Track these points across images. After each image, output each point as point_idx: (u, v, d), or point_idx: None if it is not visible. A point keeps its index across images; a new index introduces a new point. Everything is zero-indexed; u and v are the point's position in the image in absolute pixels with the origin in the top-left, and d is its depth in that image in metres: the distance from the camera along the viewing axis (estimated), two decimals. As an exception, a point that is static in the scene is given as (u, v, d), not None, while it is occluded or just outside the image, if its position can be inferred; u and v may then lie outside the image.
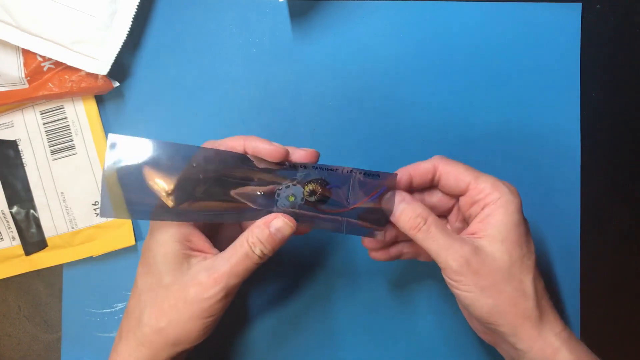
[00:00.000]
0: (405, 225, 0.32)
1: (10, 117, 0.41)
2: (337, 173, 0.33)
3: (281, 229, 0.32)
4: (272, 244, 0.32)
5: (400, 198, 0.33)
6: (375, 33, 0.42)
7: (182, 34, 0.42)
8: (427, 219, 0.32)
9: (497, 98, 0.42)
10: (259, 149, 0.32)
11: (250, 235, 0.32)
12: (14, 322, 0.42)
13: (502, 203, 0.31)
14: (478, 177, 0.32)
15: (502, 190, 0.32)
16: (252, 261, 0.31)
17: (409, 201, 0.33)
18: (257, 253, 0.31)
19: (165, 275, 0.31)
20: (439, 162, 0.34)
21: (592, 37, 0.43)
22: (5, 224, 0.41)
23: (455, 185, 0.33)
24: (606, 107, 0.43)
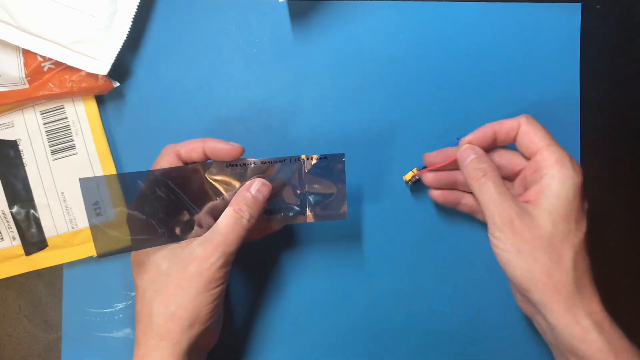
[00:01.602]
0: (468, 174, 0.34)
1: (10, 117, 0.41)
2: (286, 163, 0.35)
3: (260, 189, 0.34)
4: (256, 206, 0.34)
5: (472, 151, 0.35)
6: (375, 33, 0.42)
7: (182, 34, 0.42)
8: (487, 173, 0.33)
9: (497, 98, 0.42)
10: (217, 149, 0.34)
11: (235, 203, 0.33)
12: (14, 322, 0.42)
13: (561, 177, 0.32)
14: (550, 145, 0.33)
15: (565, 164, 0.32)
16: (242, 227, 0.33)
17: (479, 154, 0.35)
18: (245, 217, 0.33)
19: (162, 262, 0.32)
20: (523, 121, 0.34)
21: (592, 37, 0.43)
22: (6, 224, 0.41)
23: (527, 146, 0.34)
24: (606, 107, 0.43)
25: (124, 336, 0.42)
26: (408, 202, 0.42)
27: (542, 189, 0.32)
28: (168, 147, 0.35)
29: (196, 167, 0.35)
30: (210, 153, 0.35)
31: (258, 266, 0.42)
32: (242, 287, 0.42)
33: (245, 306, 0.42)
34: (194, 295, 0.32)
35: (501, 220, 0.32)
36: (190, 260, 0.32)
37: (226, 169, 0.35)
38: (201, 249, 0.32)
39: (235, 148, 0.34)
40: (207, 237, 0.33)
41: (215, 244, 0.32)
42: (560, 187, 0.32)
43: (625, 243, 0.43)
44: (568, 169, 0.32)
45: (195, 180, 0.35)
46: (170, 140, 0.42)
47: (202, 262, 0.32)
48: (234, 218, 0.33)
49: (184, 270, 0.32)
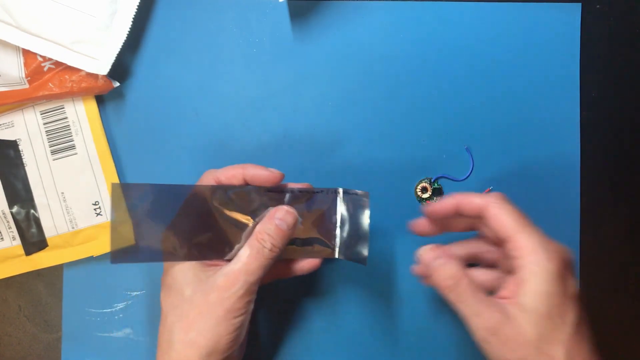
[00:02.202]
0: (438, 283, 0.32)
1: (10, 117, 0.41)
2: (323, 194, 0.35)
3: (284, 217, 0.33)
4: (279, 235, 0.33)
5: (437, 253, 0.33)
6: (375, 33, 0.42)
7: (182, 34, 0.42)
8: (459, 281, 0.31)
9: (497, 98, 0.42)
10: (257, 176, 0.34)
11: (258, 232, 0.33)
12: (14, 322, 0.42)
13: (537, 270, 0.30)
14: (521, 232, 0.31)
15: (538, 254, 0.30)
16: (264, 256, 0.32)
17: (446, 258, 0.32)
18: (267, 247, 0.32)
19: (186, 289, 0.32)
20: (492, 204, 0.32)
21: (592, 37, 0.43)
22: (6, 224, 0.41)
23: (496, 231, 0.32)
24: (606, 107, 0.43)
25: (124, 336, 0.42)
26: (410, 202, 0.42)
27: (519, 284, 0.30)
28: (208, 174, 0.35)
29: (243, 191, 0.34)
30: (250, 180, 0.34)
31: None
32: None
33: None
34: (214, 324, 0.31)
35: (485, 333, 0.30)
36: (212, 289, 0.31)
37: (264, 193, 0.34)
38: (223, 278, 0.32)
39: (274, 175, 0.34)
40: (230, 266, 0.32)
41: (236, 273, 0.32)
42: (538, 281, 0.29)
43: (625, 243, 0.43)
44: (543, 260, 0.30)
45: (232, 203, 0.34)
46: (170, 140, 0.42)
47: (223, 291, 0.31)
48: (255, 247, 0.32)
49: (206, 298, 0.31)
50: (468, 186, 0.42)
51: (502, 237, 0.31)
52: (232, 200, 0.34)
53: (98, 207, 0.41)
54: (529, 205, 0.42)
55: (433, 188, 0.42)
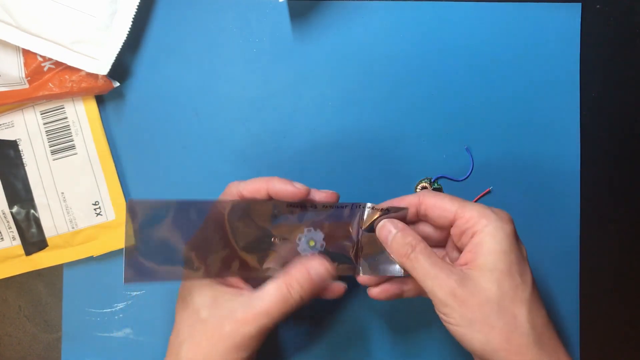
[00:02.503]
0: (395, 252, 0.32)
1: (10, 117, 0.41)
2: (346, 210, 0.33)
3: (321, 274, 0.32)
4: (310, 288, 0.31)
5: (392, 226, 0.32)
6: (375, 33, 0.42)
7: (182, 34, 0.42)
8: (415, 247, 0.31)
9: (497, 98, 0.42)
10: (281, 191, 0.32)
11: (290, 278, 0.31)
12: (14, 322, 0.43)
13: (490, 230, 0.30)
14: (464, 206, 0.32)
15: (489, 217, 0.30)
16: (289, 304, 0.31)
17: (401, 228, 0.32)
18: (294, 297, 0.31)
19: (202, 309, 0.31)
20: (424, 196, 0.33)
21: (592, 37, 0.43)
22: (6, 224, 0.41)
23: (442, 216, 0.32)
24: (606, 107, 0.43)
25: (124, 336, 0.42)
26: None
27: (475, 248, 0.30)
28: (232, 187, 0.33)
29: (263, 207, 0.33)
30: (274, 195, 0.33)
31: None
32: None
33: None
34: (222, 352, 0.31)
35: (442, 293, 0.29)
36: (228, 319, 0.31)
37: (286, 208, 0.33)
38: (241, 312, 0.31)
39: (300, 191, 0.32)
40: (251, 302, 0.31)
41: (256, 311, 0.30)
42: (493, 241, 0.30)
43: (625, 243, 0.43)
44: (495, 220, 0.30)
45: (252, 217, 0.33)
46: (170, 140, 0.42)
47: (238, 326, 0.30)
48: (282, 294, 0.31)
49: (220, 325, 0.31)
50: (468, 186, 0.42)
51: (449, 217, 0.32)
52: (251, 217, 0.32)
53: (98, 207, 0.41)
54: (529, 205, 0.42)
55: (433, 188, 0.42)
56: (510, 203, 0.42)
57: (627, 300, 0.43)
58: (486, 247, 0.30)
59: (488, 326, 0.29)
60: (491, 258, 0.29)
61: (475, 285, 0.29)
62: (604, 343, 0.42)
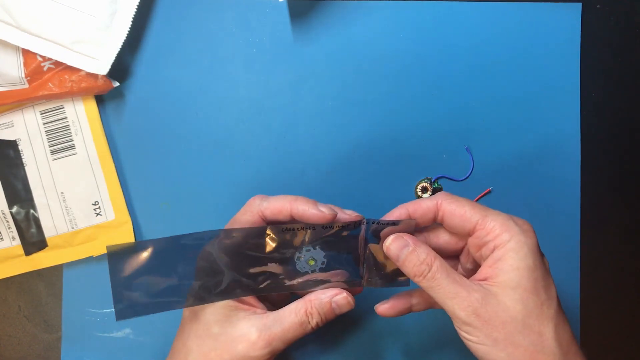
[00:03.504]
0: (410, 271, 0.30)
1: (10, 117, 0.41)
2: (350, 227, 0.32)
3: (342, 306, 0.32)
4: (328, 318, 0.31)
5: (402, 243, 0.30)
6: (375, 33, 0.42)
7: (182, 34, 0.42)
8: (431, 265, 0.29)
9: (497, 98, 0.42)
10: (306, 215, 0.31)
11: (310, 306, 0.31)
12: (14, 322, 0.42)
13: (513, 246, 0.28)
14: (486, 215, 0.30)
15: (512, 230, 0.29)
16: (304, 330, 0.31)
17: (414, 245, 0.30)
18: (312, 324, 0.31)
19: (214, 325, 0.31)
20: (443, 200, 0.31)
21: (592, 37, 0.43)
22: (5, 224, 0.41)
23: (461, 226, 0.31)
24: (606, 107, 0.43)
25: (124, 336, 0.42)
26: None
27: (496, 264, 0.29)
28: (254, 205, 0.32)
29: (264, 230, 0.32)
30: (297, 217, 0.31)
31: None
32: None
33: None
34: None
35: (465, 313, 0.28)
36: (241, 339, 0.30)
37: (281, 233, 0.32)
38: (256, 333, 0.30)
39: (325, 216, 0.30)
40: (266, 324, 0.31)
41: (271, 335, 0.30)
42: (516, 258, 0.28)
43: (625, 243, 0.43)
44: (518, 234, 0.29)
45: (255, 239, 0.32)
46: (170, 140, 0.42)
47: (251, 349, 0.30)
48: (300, 320, 0.31)
49: (232, 344, 0.30)
50: (468, 186, 0.42)
51: (468, 227, 0.30)
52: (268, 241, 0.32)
53: (98, 207, 0.41)
54: (529, 205, 0.42)
55: (433, 188, 0.42)
56: (510, 203, 0.42)
57: (627, 300, 0.43)
58: (509, 264, 0.28)
59: (513, 345, 0.28)
60: (515, 275, 0.28)
61: (498, 304, 0.28)
62: (604, 343, 0.42)
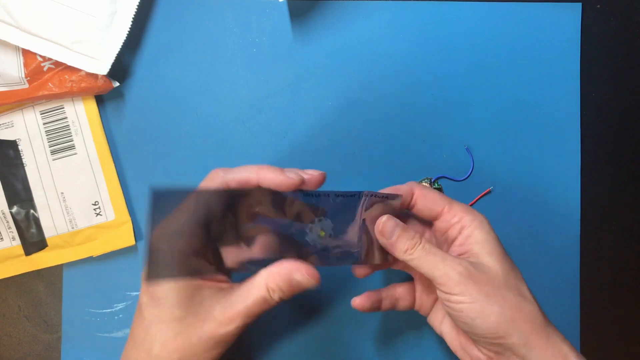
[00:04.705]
0: (403, 247, 0.32)
1: (10, 117, 0.41)
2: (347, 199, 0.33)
3: (303, 284, 0.31)
4: (291, 293, 0.31)
5: (395, 221, 0.33)
6: (375, 33, 0.42)
7: (182, 34, 0.42)
8: (419, 242, 0.32)
9: (497, 98, 0.42)
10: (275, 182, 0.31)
11: (271, 281, 0.31)
12: (14, 322, 0.42)
13: (477, 224, 0.33)
14: (452, 202, 0.34)
15: (473, 213, 0.34)
16: (268, 305, 0.31)
17: (402, 225, 0.33)
18: (275, 299, 0.31)
19: (177, 308, 0.31)
20: (415, 186, 0.35)
21: (592, 37, 0.43)
22: (5, 224, 0.41)
23: (431, 209, 0.34)
24: (606, 107, 0.43)
25: (124, 336, 0.42)
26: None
27: (467, 240, 0.33)
28: (216, 175, 0.32)
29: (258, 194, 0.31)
30: (265, 186, 0.31)
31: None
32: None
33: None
34: (201, 351, 0.31)
35: (457, 272, 0.31)
36: (206, 319, 0.31)
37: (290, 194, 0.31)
38: (221, 311, 0.31)
39: (293, 181, 0.31)
40: (230, 301, 0.31)
41: (236, 311, 0.31)
42: (483, 231, 0.33)
43: (625, 243, 0.43)
44: (479, 216, 0.33)
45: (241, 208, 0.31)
46: (170, 140, 0.42)
47: (218, 327, 0.31)
48: (263, 296, 0.31)
49: (197, 325, 0.31)
50: (468, 186, 0.42)
51: (436, 210, 0.34)
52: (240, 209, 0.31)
53: (98, 207, 0.41)
54: (529, 205, 0.42)
55: (433, 188, 0.42)
56: (510, 203, 0.42)
57: (627, 300, 0.43)
58: (480, 237, 0.33)
59: (503, 298, 0.31)
60: (487, 244, 0.33)
61: (482, 266, 0.32)
62: (604, 343, 0.42)
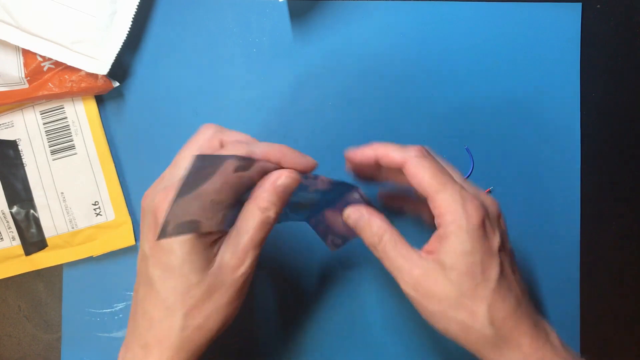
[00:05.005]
0: (365, 242, 0.33)
1: (10, 117, 0.41)
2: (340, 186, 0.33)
3: (288, 185, 0.30)
4: (281, 201, 0.31)
5: (359, 214, 0.33)
6: (375, 33, 0.42)
7: (182, 34, 0.42)
8: (381, 237, 0.32)
9: (497, 98, 0.42)
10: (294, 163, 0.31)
11: (261, 201, 0.30)
12: (14, 322, 0.42)
13: (453, 229, 0.30)
14: (438, 192, 0.30)
15: (456, 213, 0.30)
16: (268, 225, 0.30)
17: (368, 217, 0.32)
18: (272, 215, 0.30)
19: (192, 273, 0.29)
20: (410, 160, 0.31)
21: (592, 37, 0.43)
22: (5, 224, 0.41)
23: (416, 188, 0.32)
24: (606, 107, 0.43)
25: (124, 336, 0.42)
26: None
27: (439, 241, 0.30)
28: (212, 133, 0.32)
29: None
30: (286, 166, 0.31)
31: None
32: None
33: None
34: (225, 304, 0.30)
35: (405, 286, 0.31)
36: (224, 270, 0.30)
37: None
38: (231, 256, 0.30)
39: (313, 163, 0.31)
40: (234, 241, 0.30)
41: (244, 248, 0.30)
42: (455, 241, 0.29)
43: (625, 243, 0.43)
44: (460, 219, 0.29)
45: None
46: (170, 140, 0.42)
47: (234, 271, 0.30)
48: (260, 217, 0.30)
49: (216, 282, 0.30)
50: (468, 186, 0.42)
51: (422, 194, 0.31)
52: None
53: (98, 207, 0.41)
54: (529, 205, 0.42)
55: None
56: (510, 203, 0.42)
57: (627, 300, 0.43)
58: (448, 245, 0.30)
59: (447, 319, 0.30)
60: (451, 258, 0.30)
61: (436, 281, 0.30)
62: (604, 343, 0.42)
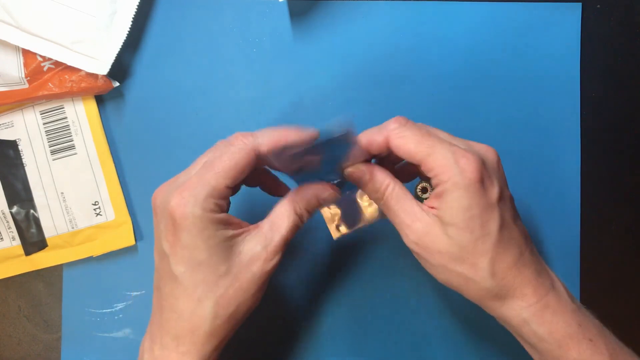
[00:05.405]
0: (370, 196, 0.33)
1: (10, 117, 0.41)
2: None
3: (328, 199, 0.33)
4: (314, 212, 0.33)
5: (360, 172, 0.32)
6: (375, 33, 0.42)
7: (182, 34, 0.42)
8: (385, 190, 0.32)
9: (497, 98, 0.42)
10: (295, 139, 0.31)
11: (299, 206, 0.32)
12: (14, 322, 0.42)
13: (449, 187, 0.30)
14: (429, 154, 0.30)
15: (450, 171, 0.30)
16: (298, 227, 0.33)
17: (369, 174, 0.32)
18: (304, 220, 0.33)
19: (220, 265, 0.30)
20: (391, 134, 0.31)
21: (592, 37, 0.43)
22: (5, 224, 0.41)
23: (408, 159, 0.31)
24: (606, 107, 0.43)
25: (124, 336, 0.42)
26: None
27: (439, 198, 0.30)
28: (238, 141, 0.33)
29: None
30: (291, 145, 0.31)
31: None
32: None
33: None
34: (253, 293, 0.31)
35: (409, 241, 0.31)
36: (252, 262, 0.31)
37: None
38: (261, 248, 0.31)
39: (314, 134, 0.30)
40: (267, 236, 0.32)
41: (276, 246, 0.31)
42: (452, 197, 0.30)
43: (625, 243, 0.43)
44: (455, 175, 0.29)
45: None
46: (170, 140, 0.42)
47: (265, 263, 0.31)
48: (295, 220, 0.32)
49: (245, 271, 0.31)
50: (468, 186, 0.42)
51: (414, 161, 0.31)
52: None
53: (98, 207, 0.41)
54: (529, 204, 0.42)
55: (433, 188, 0.42)
56: (510, 203, 0.42)
57: (627, 300, 0.43)
58: (446, 201, 0.30)
59: (447, 271, 0.31)
60: (449, 213, 0.30)
61: (436, 236, 0.30)
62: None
